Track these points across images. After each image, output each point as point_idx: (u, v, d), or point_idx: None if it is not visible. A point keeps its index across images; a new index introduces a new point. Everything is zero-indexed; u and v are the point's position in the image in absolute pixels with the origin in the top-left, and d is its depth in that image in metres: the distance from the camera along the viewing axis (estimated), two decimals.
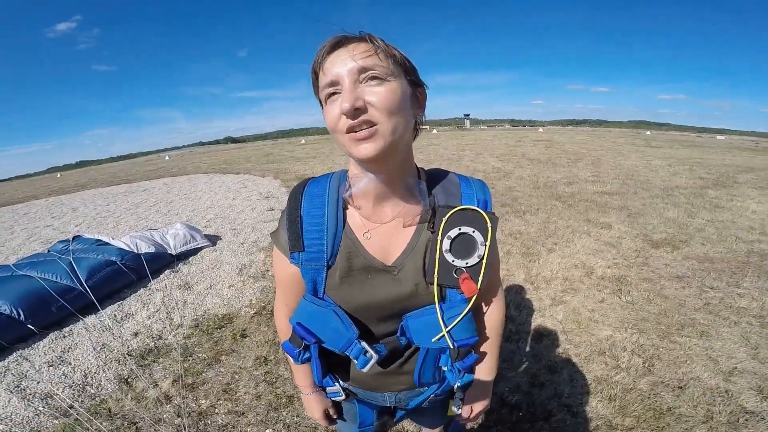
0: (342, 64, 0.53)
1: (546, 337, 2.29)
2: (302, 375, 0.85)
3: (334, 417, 0.94)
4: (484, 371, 0.85)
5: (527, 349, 2.20)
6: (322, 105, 0.60)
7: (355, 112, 0.52)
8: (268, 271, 3.50)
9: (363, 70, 0.53)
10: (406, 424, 1.71)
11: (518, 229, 4.16)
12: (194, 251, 4.13)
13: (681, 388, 1.85)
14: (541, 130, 27.89)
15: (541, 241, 3.80)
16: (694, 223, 4.27)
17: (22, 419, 1.94)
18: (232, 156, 17.98)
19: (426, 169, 0.74)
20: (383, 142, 0.54)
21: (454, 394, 0.88)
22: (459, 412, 0.88)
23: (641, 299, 2.66)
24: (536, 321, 2.46)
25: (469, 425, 1.70)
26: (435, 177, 0.71)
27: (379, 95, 0.53)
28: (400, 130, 0.56)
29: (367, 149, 0.54)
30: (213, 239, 4.52)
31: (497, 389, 1.89)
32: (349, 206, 0.67)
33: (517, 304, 2.66)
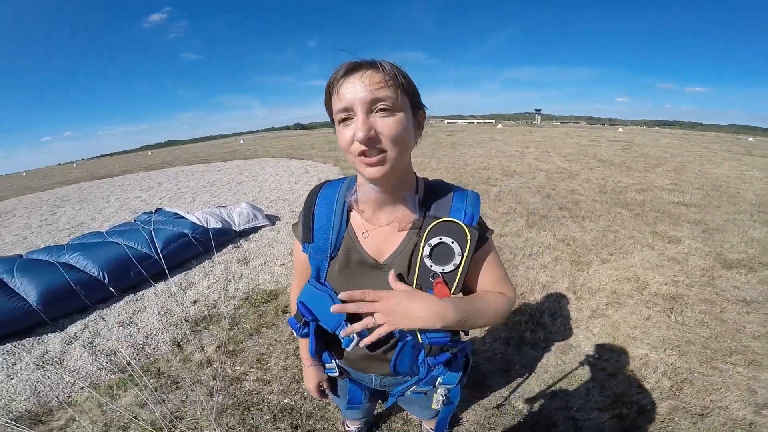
0: (356, 93, 0.61)
1: (575, 349, 2.23)
2: (305, 348, 0.98)
3: (326, 391, 1.07)
4: (460, 300, 0.75)
5: (552, 358, 2.17)
6: (333, 121, 0.69)
7: (368, 141, 0.61)
8: None
9: (375, 101, 0.61)
10: (410, 414, 1.79)
11: (572, 236, 3.97)
12: (255, 229, 4.53)
13: (702, 415, 1.74)
14: (620, 129, 25.53)
15: (596, 250, 3.60)
16: None
17: (87, 372, 2.24)
18: (299, 142, 18.87)
19: (429, 179, 0.82)
20: (389, 166, 0.64)
21: (437, 389, 0.96)
22: (439, 408, 0.95)
23: (693, 321, 2.46)
24: (569, 332, 2.39)
25: (465, 420, 1.74)
26: (433, 189, 0.79)
27: (388, 127, 0.62)
28: (403, 156, 0.66)
29: (376, 172, 0.64)
30: (273, 219, 4.90)
31: (508, 394, 1.91)
32: (353, 209, 0.78)
33: (553, 312, 2.59)
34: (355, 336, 0.78)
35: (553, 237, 3.95)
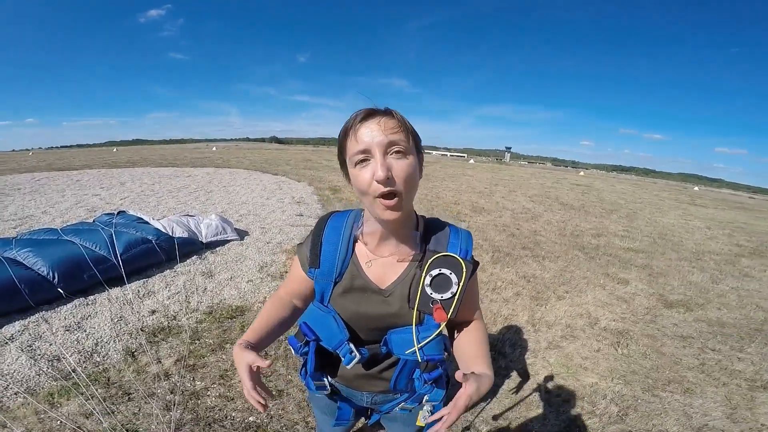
0: (374, 136, 0.67)
1: (532, 377, 2.36)
2: (251, 331, 0.88)
3: (261, 394, 0.74)
4: (484, 365, 0.85)
5: (512, 385, 2.28)
6: (346, 165, 0.76)
7: (387, 180, 0.68)
8: (286, 272, 3.73)
9: (391, 144, 0.69)
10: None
11: (533, 273, 4.19)
12: (223, 242, 4.41)
13: None
14: (582, 173, 27.24)
15: (553, 287, 3.83)
16: (717, 288, 4.17)
17: (23, 377, 2.05)
18: (273, 156, 18.68)
19: (427, 217, 0.92)
20: (403, 209, 0.73)
21: (423, 406, 1.03)
22: (425, 422, 1.02)
23: (637, 353, 2.68)
24: (528, 361, 2.53)
25: None
26: (431, 226, 0.88)
27: (403, 169, 0.70)
28: (412, 197, 0.75)
29: (392, 215, 0.72)
30: (242, 234, 4.81)
31: (473, 419, 1.99)
32: (358, 240, 0.86)
33: (513, 343, 2.73)
34: (357, 354, 0.85)
35: (516, 274, 4.15)
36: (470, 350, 0.90)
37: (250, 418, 1.89)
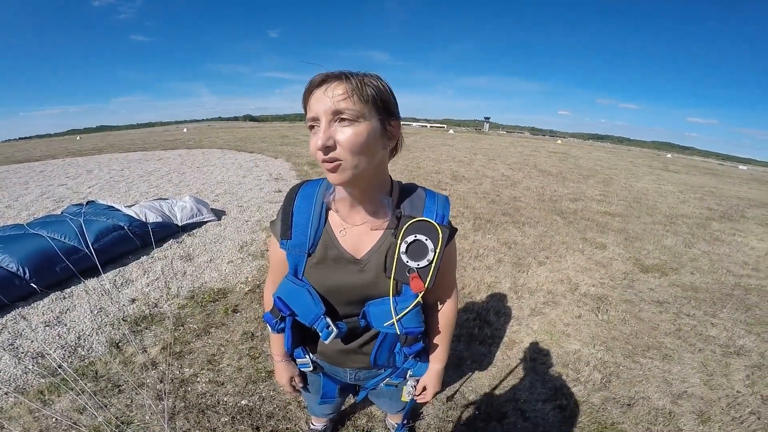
0: (321, 104, 0.64)
1: (517, 345, 2.40)
2: (277, 344, 0.99)
3: (298, 386, 1.09)
4: (436, 359, 0.99)
5: (498, 353, 2.31)
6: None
7: (326, 149, 0.64)
8: (267, 250, 3.64)
9: (337, 112, 0.64)
10: (375, 410, 1.84)
11: (514, 240, 4.24)
12: (199, 224, 4.28)
13: (629, 405, 1.96)
14: (559, 141, 27.60)
15: (534, 253, 3.89)
16: (690, 252, 4.31)
17: (10, 377, 2.00)
18: (248, 134, 18.14)
19: (403, 183, 0.86)
20: (346, 174, 0.67)
21: (407, 381, 1.02)
22: (410, 398, 1.02)
23: (617, 319, 2.75)
24: (512, 328, 2.56)
25: (425, 414, 1.84)
26: (406, 191, 0.83)
27: (346, 137, 0.64)
28: (363, 164, 0.68)
29: (333, 178, 0.68)
30: (219, 214, 4.68)
31: (460, 387, 2.03)
32: (331, 208, 0.80)
33: (498, 310, 2.76)
34: (334, 329, 0.82)
35: (497, 240, 4.19)
36: (431, 336, 0.98)
37: (243, 402, 1.88)
